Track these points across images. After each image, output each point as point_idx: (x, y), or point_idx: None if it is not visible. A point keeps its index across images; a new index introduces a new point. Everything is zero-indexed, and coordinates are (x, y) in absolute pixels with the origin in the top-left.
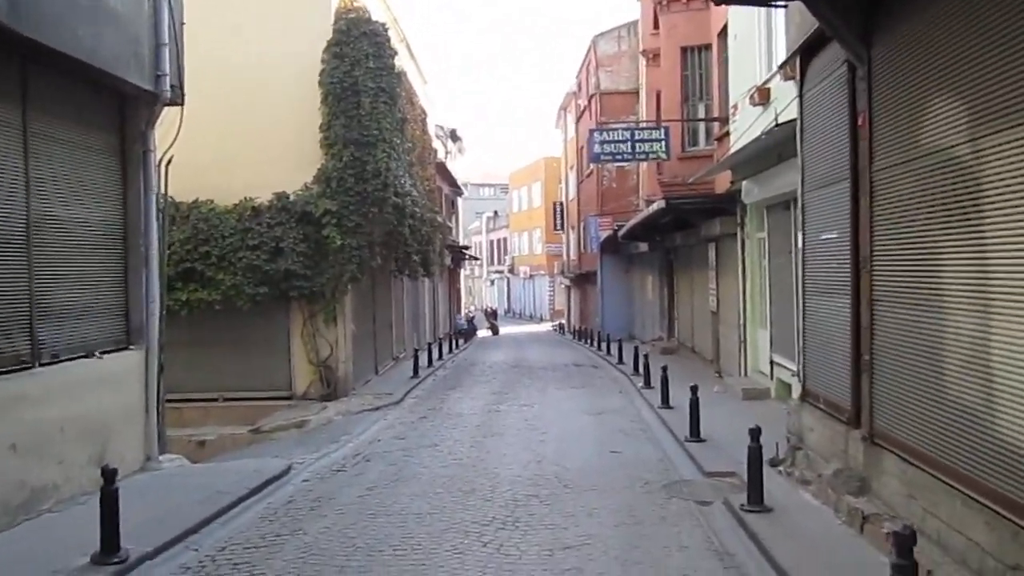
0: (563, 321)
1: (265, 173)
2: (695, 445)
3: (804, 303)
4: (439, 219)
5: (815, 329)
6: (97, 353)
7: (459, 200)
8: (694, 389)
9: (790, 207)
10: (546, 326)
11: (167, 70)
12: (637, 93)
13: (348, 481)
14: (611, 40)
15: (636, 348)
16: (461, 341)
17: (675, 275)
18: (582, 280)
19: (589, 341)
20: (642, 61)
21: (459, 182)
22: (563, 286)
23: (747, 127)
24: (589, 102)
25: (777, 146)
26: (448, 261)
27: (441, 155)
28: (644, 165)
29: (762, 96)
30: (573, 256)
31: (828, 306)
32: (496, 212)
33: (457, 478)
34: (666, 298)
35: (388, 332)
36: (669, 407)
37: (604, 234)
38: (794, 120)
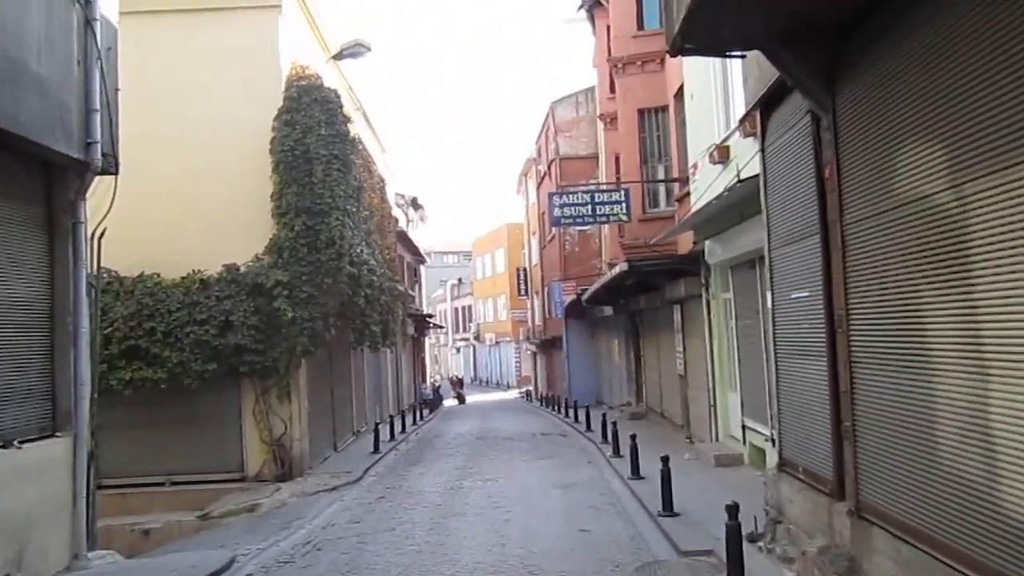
0: (530, 387)
1: (214, 244)
2: (669, 520)
3: (776, 366)
4: (400, 288)
5: (790, 394)
6: (16, 443)
7: (422, 268)
8: (665, 460)
9: (755, 266)
10: (513, 393)
11: (98, 137)
12: (596, 158)
13: (296, 575)
14: (569, 106)
15: (604, 415)
16: (426, 411)
17: (641, 338)
18: (548, 346)
19: (556, 408)
20: (600, 125)
21: (422, 250)
22: (529, 352)
23: (708, 186)
24: (549, 167)
25: (739, 204)
26: (411, 330)
27: (402, 224)
28: (606, 229)
29: (721, 154)
30: (538, 322)
31: (803, 369)
32: (460, 280)
33: (414, 567)
34: (633, 362)
35: (348, 406)
36: (640, 477)
37: (568, 299)
38: (756, 176)
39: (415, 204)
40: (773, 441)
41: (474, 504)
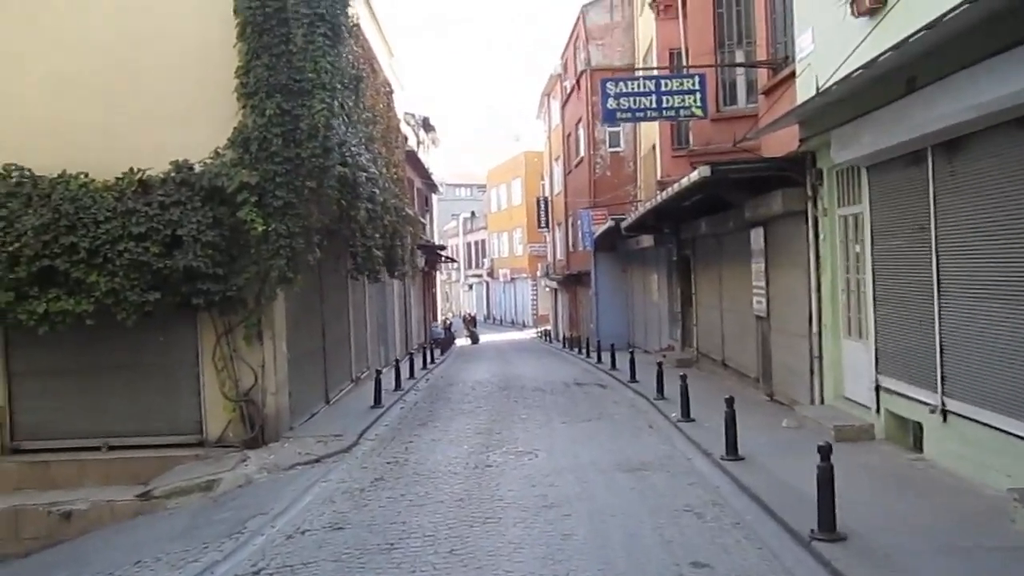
0: (548, 327)
1: (161, 136)
2: (836, 550)
3: None
4: (409, 211)
5: None
6: None
7: (434, 198)
8: (826, 452)
9: (927, 159)
10: (530, 333)
11: None
12: (632, 68)
13: None
14: (602, 10)
15: (660, 364)
16: (437, 352)
17: (695, 272)
18: (571, 282)
19: (582, 351)
20: (649, 17)
21: (434, 178)
22: (548, 289)
23: (848, 54)
24: (578, 80)
25: (906, 68)
26: (422, 263)
27: (412, 144)
28: (645, 145)
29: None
30: (560, 256)
31: None
32: (473, 213)
33: None
34: (679, 300)
35: (344, 349)
36: (738, 457)
37: (599, 228)
38: None
39: (427, 125)
40: (945, 413)
41: (511, 498)
